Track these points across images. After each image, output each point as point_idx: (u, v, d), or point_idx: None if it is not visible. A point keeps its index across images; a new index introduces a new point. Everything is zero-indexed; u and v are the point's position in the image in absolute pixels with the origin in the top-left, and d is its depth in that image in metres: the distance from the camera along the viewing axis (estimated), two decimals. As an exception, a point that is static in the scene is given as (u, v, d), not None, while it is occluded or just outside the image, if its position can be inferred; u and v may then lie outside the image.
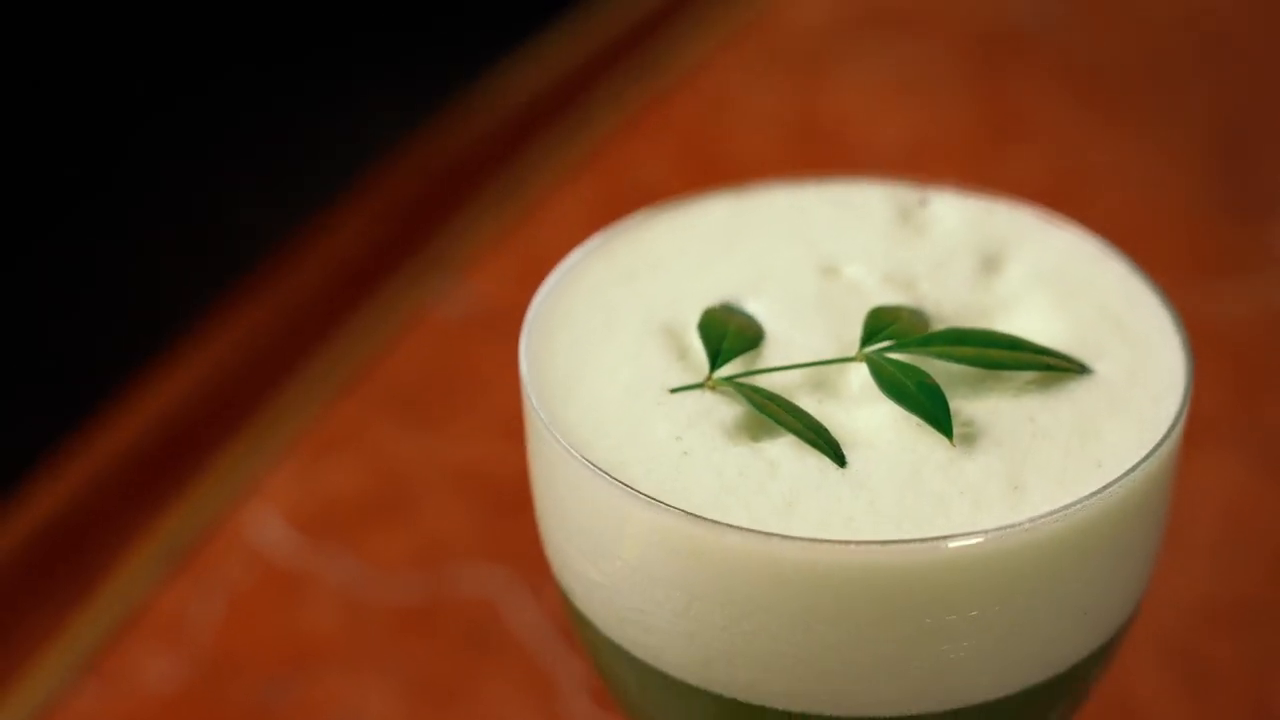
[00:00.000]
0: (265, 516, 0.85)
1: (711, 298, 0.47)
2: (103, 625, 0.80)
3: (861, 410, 0.44)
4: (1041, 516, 0.41)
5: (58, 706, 0.77)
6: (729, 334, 0.46)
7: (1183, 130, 0.99)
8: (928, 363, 0.45)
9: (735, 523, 0.41)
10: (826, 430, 0.43)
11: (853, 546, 0.40)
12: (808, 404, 0.44)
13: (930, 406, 0.43)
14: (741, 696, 0.43)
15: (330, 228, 1.02)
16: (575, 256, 0.49)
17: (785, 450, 0.43)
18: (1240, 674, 0.75)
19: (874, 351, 0.45)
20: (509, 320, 0.95)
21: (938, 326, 0.46)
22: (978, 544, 0.40)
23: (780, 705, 0.43)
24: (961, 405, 0.44)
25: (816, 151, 0.99)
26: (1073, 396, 0.45)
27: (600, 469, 0.42)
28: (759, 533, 0.40)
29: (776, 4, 1.12)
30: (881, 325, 0.45)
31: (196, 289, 0.99)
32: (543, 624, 0.80)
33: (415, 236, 1.00)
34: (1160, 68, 0.98)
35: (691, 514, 0.41)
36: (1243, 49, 1.02)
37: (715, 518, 0.41)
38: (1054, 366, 0.45)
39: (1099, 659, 0.45)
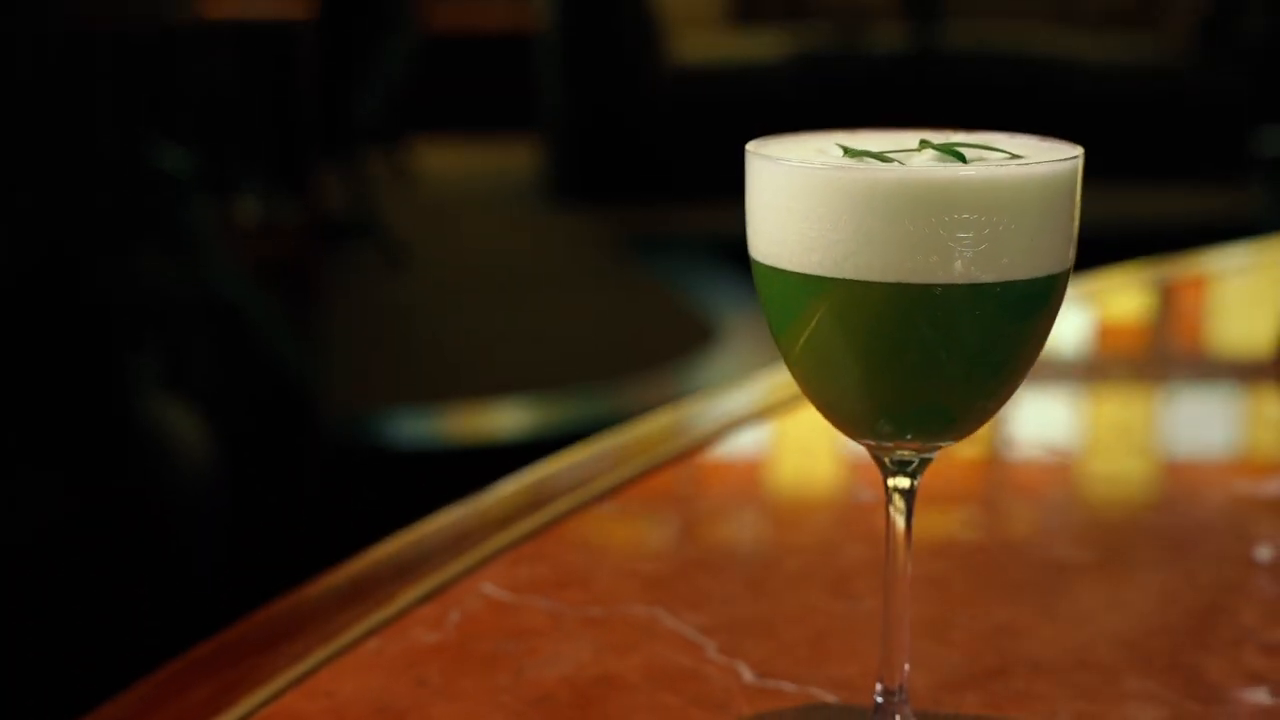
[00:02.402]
0: (483, 584, 1.24)
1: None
2: (381, 619, 1.18)
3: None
4: (1006, 162, 0.84)
5: (348, 652, 1.13)
6: (854, 148, 0.90)
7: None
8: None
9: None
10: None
11: (916, 169, 0.83)
12: (891, 166, 0.88)
13: (953, 151, 0.87)
14: (858, 276, 0.84)
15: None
16: (758, 142, 0.93)
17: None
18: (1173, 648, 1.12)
19: (926, 142, 0.89)
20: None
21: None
22: (973, 174, 0.83)
23: (877, 278, 0.84)
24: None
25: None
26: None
27: (797, 163, 0.86)
28: (870, 169, 0.84)
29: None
30: (928, 141, 0.90)
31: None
32: (687, 625, 1.17)
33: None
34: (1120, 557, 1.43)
35: (845, 166, 0.84)
36: (1194, 537, 1.47)
37: (850, 169, 0.84)
38: (1015, 155, 0.89)
39: (1046, 290, 0.86)
